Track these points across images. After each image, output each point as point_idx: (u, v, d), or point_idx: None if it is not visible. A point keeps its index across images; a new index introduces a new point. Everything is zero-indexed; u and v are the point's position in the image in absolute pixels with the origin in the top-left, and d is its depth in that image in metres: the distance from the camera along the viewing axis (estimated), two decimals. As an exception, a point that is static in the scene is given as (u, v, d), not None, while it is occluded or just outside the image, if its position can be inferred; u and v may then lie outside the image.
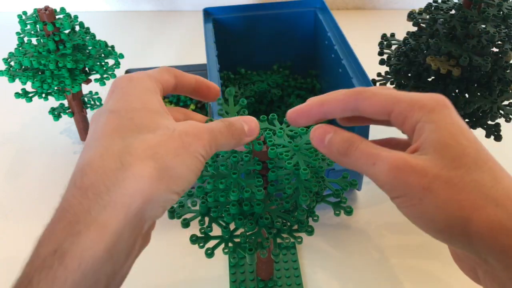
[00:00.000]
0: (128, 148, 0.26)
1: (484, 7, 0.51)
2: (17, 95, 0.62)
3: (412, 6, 0.83)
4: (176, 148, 0.27)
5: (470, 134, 0.27)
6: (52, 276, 0.22)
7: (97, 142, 0.27)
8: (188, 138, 0.27)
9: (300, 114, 0.31)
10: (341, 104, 0.29)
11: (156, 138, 0.27)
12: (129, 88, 0.30)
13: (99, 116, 0.29)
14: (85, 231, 0.23)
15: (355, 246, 0.56)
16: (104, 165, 0.25)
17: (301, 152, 0.34)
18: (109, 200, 0.24)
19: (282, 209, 0.36)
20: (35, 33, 0.59)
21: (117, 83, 0.30)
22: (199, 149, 0.28)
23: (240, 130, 0.31)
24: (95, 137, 0.27)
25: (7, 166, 0.68)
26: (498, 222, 0.24)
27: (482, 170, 0.25)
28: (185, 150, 0.27)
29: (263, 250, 0.36)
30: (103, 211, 0.24)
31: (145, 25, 1.09)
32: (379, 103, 0.28)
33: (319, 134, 0.30)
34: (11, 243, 0.56)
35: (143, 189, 0.25)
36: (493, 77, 0.53)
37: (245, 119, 0.32)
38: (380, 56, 0.60)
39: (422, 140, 0.26)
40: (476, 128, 0.56)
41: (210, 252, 0.37)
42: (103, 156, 0.26)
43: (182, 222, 0.38)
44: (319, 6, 0.74)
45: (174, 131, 0.27)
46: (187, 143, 0.27)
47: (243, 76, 0.77)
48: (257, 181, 0.34)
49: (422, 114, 0.27)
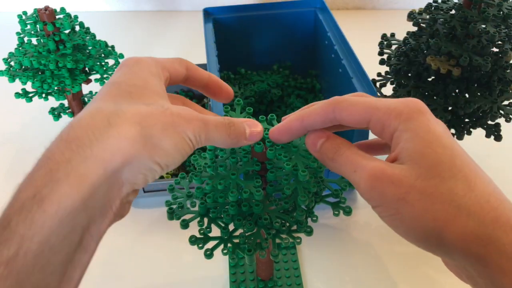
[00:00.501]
0: (118, 111, 0.27)
1: (484, 7, 0.51)
2: (17, 95, 0.62)
3: (412, 6, 0.83)
4: (164, 123, 0.27)
5: (446, 140, 0.27)
6: (31, 218, 0.23)
7: (91, 105, 0.28)
8: (178, 119, 0.28)
9: (282, 132, 0.32)
10: (320, 117, 0.30)
11: (147, 109, 0.27)
12: (135, 67, 0.30)
13: (102, 88, 0.30)
14: (64, 179, 0.24)
15: (355, 246, 0.56)
16: (92, 122, 0.26)
17: (299, 153, 0.34)
18: (90, 154, 0.25)
19: (281, 210, 0.36)
20: (35, 33, 0.59)
21: (124, 62, 0.31)
22: (188, 132, 0.28)
23: (239, 132, 0.31)
24: (91, 102, 0.29)
25: (7, 166, 0.68)
26: (470, 232, 0.24)
27: (456, 178, 0.25)
28: (173, 128, 0.27)
29: (262, 251, 0.36)
30: (83, 162, 0.24)
31: (145, 25, 1.09)
32: (357, 112, 0.28)
33: (313, 139, 0.31)
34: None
35: (125, 148, 0.25)
36: (493, 77, 0.53)
37: (249, 122, 0.32)
38: (380, 56, 0.60)
39: (399, 149, 0.27)
40: (476, 128, 0.56)
41: (209, 253, 0.37)
42: (93, 114, 0.27)
43: (181, 223, 0.38)
44: (319, 6, 0.74)
45: (167, 109, 0.28)
46: (177, 123, 0.28)
47: (243, 76, 0.77)
48: (255, 182, 0.34)
49: (398, 122, 0.27)
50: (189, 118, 0.28)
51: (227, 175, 0.34)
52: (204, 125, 0.29)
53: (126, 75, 0.30)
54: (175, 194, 0.40)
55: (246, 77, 0.77)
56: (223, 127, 0.30)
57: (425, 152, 0.26)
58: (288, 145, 0.34)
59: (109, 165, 0.25)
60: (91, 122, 0.26)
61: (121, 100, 0.28)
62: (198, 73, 0.35)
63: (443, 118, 0.53)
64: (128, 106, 0.27)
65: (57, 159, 0.25)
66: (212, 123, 0.30)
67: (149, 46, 1.00)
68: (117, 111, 0.27)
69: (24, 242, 0.22)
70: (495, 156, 0.70)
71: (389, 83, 0.59)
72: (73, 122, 0.27)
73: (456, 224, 0.24)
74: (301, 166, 0.33)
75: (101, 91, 0.29)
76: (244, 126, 0.32)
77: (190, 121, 0.28)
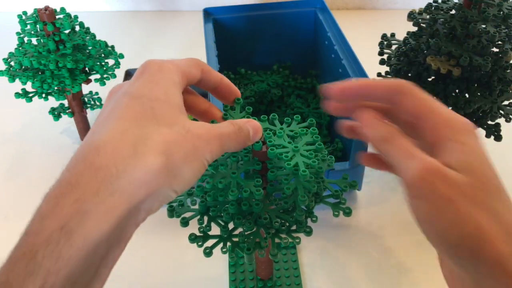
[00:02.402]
0: (144, 138, 0.26)
1: (484, 7, 0.51)
2: (17, 95, 0.62)
3: (412, 6, 0.83)
4: (187, 151, 0.27)
5: (491, 163, 0.29)
6: (58, 252, 0.23)
7: (115, 123, 0.27)
8: (199, 142, 0.28)
9: (337, 86, 0.31)
10: (381, 91, 0.30)
11: (171, 135, 0.27)
12: (157, 76, 0.30)
13: (123, 96, 0.29)
14: (91, 212, 0.24)
15: (355, 246, 0.56)
16: (119, 149, 0.26)
17: (300, 153, 0.34)
18: (117, 186, 0.25)
19: (280, 209, 0.36)
20: (35, 33, 0.59)
21: (147, 67, 0.30)
22: (206, 155, 0.29)
23: (246, 135, 0.32)
24: (113, 117, 0.28)
25: (7, 166, 0.68)
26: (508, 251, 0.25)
27: (500, 199, 0.27)
28: (194, 154, 0.28)
29: (261, 250, 0.36)
30: (111, 196, 0.24)
31: (145, 25, 1.09)
32: (419, 106, 0.29)
33: (369, 116, 0.31)
34: (11, 243, 0.56)
35: (150, 181, 0.25)
36: (493, 77, 0.53)
37: (251, 124, 0.33)
38: (380, 56, 0.60)
39: (454, 158, 0.28)
40: (476, 128, 0.56)
41: (209, 251, 0.37)
42: (118, 140, 0.26)
43: (181, 221, 0.38)
44: (319, 6, 0.74)
45: (188, 132, 0.28)
46: (197, 147, 0.28)
47: (243, 76, 0.77)
48: (256, 181, 0.34)
49: (454, 133, 0.28)
50: (208, 139, 0.29)
51: (227, 173, 0.34)
52: (221, 141, 0.30)
53: (148, 86, 0.29)
54: None
55: (246, 77, 0.77)
56: (234, 136, 0.31)
57: (479, 168, 0.27)
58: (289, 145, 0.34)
59: (134, 198, 0.25)
60: (117, 148, 0.26)
61: (145, 122, 0.27)
62: (212, 76, 0.35)
63: (443, 118, 0.53)
64: (153, 131, 0.27)
65: (84, 189, 0.24)
66: (226, 135, 0.30)
67: (149, 46, 1.00)
68: (142, 137, 0.26)
69: (50, 277, 0.22)
70: (495, 156, 0.70)
71: (389, 83, 0.59)
72: (98, 145, 0.26)
73: (498, 238, 0.26)
74: (302, 165, 0.33)
75: (122, 103, 0.28)
76: (248, 128, 0.32)
77: (209, 142, 0.29)
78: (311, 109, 0.72)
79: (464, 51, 0.50)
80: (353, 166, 0.56)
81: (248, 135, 0.32)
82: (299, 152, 0.34)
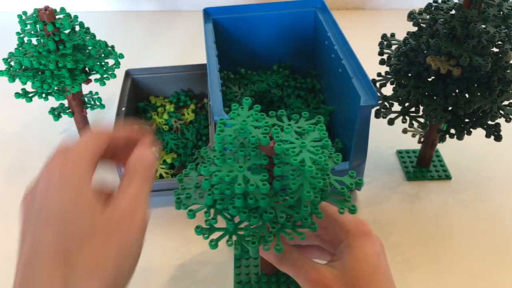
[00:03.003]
0: (71, 271, 0.26)
1: (484, 7, 0.51)
2: (17, 95, 0.62)
3: (412, 6, 0.83)
4: (117, 249, 0.28)
5: (372, 258, 0.36)
6: None
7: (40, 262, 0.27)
8: (124, 223, 0.29)
9: None
10: None
11: (97, 249, 0.27)
12: (64, 178, 0.29)
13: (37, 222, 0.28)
14: None
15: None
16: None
17: (307, 149, 0.34)
18: None
19: (286, 204, 0.37)
20: (35, 33, 0.59)
21: (50, 168, 0.30)
22: (139, 224, 0.30)
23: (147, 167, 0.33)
24: (36, 255, 0.27)
25: (7, 166, 0.68)
26: None
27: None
28: (126, 241, 0.29)
29: (266, 243, 0.36)
30: None
31: (145, 25, 1.09)
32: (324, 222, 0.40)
33: None
34: (11, 243, 0.56)
35: None
36: (493, 77, 0.53)
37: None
38: (380, 56, 0.60)
39: (339, 256, 0.37)
40: (476, 128, 0.56)
41: (214, 243, 0.37)
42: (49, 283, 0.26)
43: (188, 213, 0.38)
44: (319, 6, 0.74)
45: (109, 227, 0.28)
46: (126, 231, 0.29)
47: (243, 76, 0.77)
48: (262, 176, 0.34)
49: (346, 237, 0.38)
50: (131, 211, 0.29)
51: (234, 167, 0.35)
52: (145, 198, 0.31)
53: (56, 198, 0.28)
54: (183, 184, 0.40)
55: (246, 77, 0.77)
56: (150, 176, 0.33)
57: (353, 266, 0.35)
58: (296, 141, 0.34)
59: None
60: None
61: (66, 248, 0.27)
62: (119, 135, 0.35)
63: (443, 118, 0.53)
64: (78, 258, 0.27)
65: None
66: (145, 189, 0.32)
67: (149, 46, 1.00)
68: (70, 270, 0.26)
69: None
70: (495, 156, 0.70)
71: (389, 83, 0.59)
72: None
73: None
74: (308, 161, 0.33)
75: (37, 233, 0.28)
76: None
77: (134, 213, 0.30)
78: (311, 109, 0.72)
79: (464, 51, 0.50)
80: (353, 166, 0.56)
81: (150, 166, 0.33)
82: (306, 148, 0.34)
